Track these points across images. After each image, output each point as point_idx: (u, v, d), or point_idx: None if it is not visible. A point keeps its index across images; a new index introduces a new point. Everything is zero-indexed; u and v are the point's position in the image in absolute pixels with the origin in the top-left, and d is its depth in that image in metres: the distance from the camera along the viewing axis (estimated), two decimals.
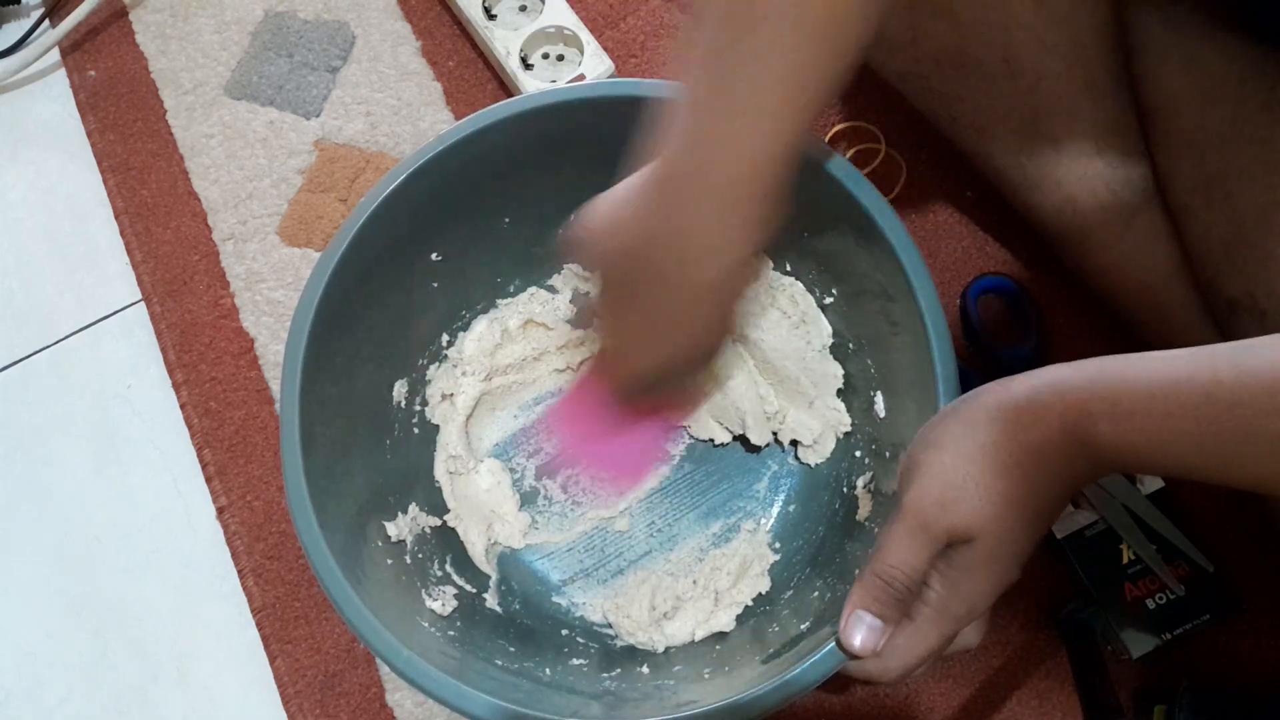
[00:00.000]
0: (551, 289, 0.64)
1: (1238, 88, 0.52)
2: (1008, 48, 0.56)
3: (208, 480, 0.66)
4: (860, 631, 0.41)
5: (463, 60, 0.76)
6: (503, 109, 0.53)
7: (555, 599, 0.59)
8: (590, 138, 0.55)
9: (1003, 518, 0.39)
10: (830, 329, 0.59)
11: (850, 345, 0.58)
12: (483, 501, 0.60)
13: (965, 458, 0.39)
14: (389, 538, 0.53)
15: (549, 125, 0.54)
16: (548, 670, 0.51)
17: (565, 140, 0.55)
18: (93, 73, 0.77)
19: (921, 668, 0.42)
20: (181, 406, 0.68)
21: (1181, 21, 0.55)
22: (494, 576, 0.58)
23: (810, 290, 0.59)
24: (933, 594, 0.41)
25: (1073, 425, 0.38)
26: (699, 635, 0.55)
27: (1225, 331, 0.53)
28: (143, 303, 0.71)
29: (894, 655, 0.41)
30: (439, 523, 0.58)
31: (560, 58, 0.73)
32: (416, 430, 0.60)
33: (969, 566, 0.40)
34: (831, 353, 0.59)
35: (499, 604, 0.57)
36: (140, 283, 0.71)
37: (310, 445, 0.48)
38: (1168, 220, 0.57)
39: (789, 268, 0.60)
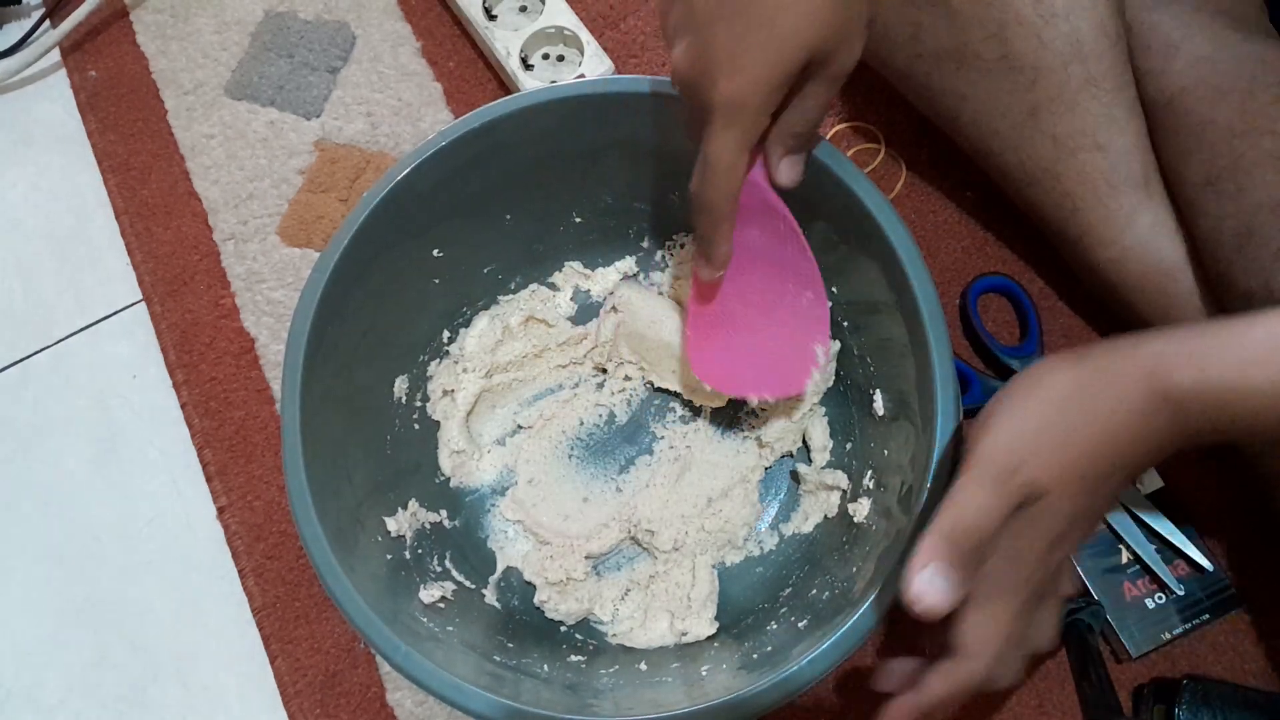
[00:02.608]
0: (553, 286, 0.64)
1: (1247, 81, 0.53)
2: (1006, 44, 0.56)
3: (208, 480, 0.66)
4: (933, 586, 0.37)
5: (463, 61, 0.76)
6: (503, 105, 0.53)
7: None
8: (591, 134, 0.55)
9: (1078, 473, 0.37)
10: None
11: (851, 345, 0.58)
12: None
13: (1040, 412, 0.38)
14: (389, 533, 0.53)
15: (550, 122, 0.54)
16: (546, 666, 0.51)
17: (566, 137, 0.55)
18: (93, 73, 0.77)
19: (1009, 652, 0.39)
20: (182, 406, 0.68)
21: (1188, 17, 0.55)
22: (495, 573, 0.58)
23: None
24: (999, 564, 0.38)
25: (1150, 375, 0.36)
26: (697, 632, 0.55)
27: None
28: (143, 303, 0.71)
29: (975, 646, 0.39)
30: (438, 518, 0.58)
31: (560, 58, 0.73)
32: (417, 426, 0.60)
33: (1044, 523, 0.38)
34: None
35: (498, 599, 0.57)
36: (140, 283, 0.71)
37: (311, 441, 0.48)
38: (1171, 214, 0.57)
39: None
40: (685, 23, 0.42)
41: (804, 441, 0.61)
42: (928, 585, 0.37)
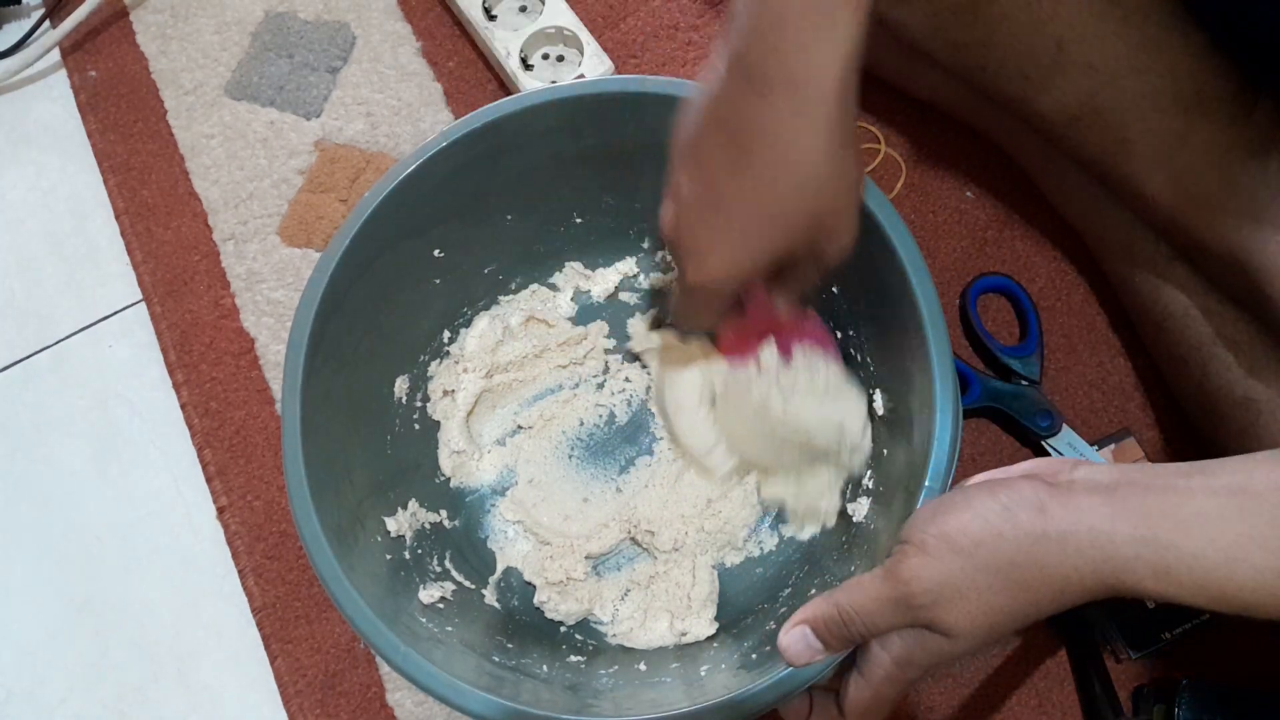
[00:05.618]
0: (553, 286, 0.64)
1: None
2: None
3: (208, 480, 0.66)
4: (799, 645, 0.42)
5: (463, 61, 0.76)
6: (503, 106, 0.53)
7: None
8: (592, 134, 0.55)
9: (992, 628, 0.38)
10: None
11: (851, 345, 0.58)
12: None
13: (978, 568, 0.37)
14: (388, 533, 0.53)
15: (550, 122, 0.54)
16: (545, 666, 0.51)
17: (566, 137, 0.55)
18: (93, 73, 0.77)
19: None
20: (182, 406, 0.68)
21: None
22: (495, 573, 0.58)
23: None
24: (893, 651, 0.40)
25: (1109, 576, 0.36)
26: (696, 633, 0.55)
27: None
28: (143, 303, 0.71)
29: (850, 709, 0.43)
30: (438, 518, 0.58)
31: (560, 58, 0.73)
32: (417, 426, 0.60)
33: (937, 652, 0.39)
34: None
35: (498, 600, 0.57)
36: (140, 283, 0.71)
37: (311, 440, 0.48)
38: (1221, 131, 0.54)
39: None
40: (677, 193, 0.45)
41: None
42: (797, 641, 0.43)
